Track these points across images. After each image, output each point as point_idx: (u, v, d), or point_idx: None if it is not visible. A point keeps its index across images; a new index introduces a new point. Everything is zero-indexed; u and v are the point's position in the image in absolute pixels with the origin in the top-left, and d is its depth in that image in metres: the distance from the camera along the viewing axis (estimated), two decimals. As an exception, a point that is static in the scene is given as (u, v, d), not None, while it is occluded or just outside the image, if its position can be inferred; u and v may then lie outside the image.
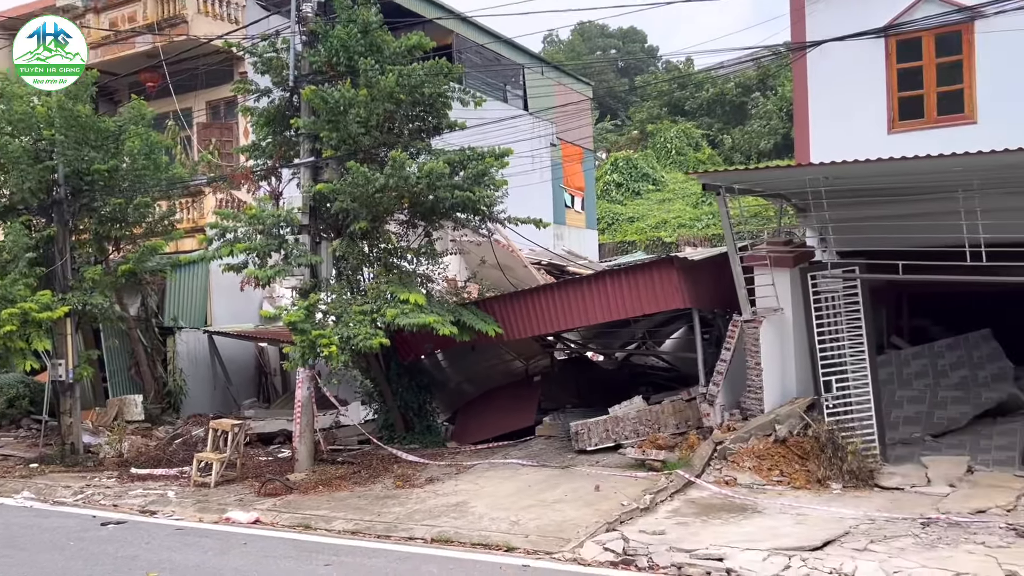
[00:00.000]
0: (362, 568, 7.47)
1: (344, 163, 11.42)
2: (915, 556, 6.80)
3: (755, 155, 43.06)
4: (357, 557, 7.86)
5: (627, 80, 57.69)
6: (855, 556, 6.88)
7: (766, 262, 11.30)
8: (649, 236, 34.94)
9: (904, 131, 12.67)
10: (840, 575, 6.50)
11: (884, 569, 6.51)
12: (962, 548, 6.97)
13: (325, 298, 11.78)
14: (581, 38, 60.06)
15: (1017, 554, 6.74)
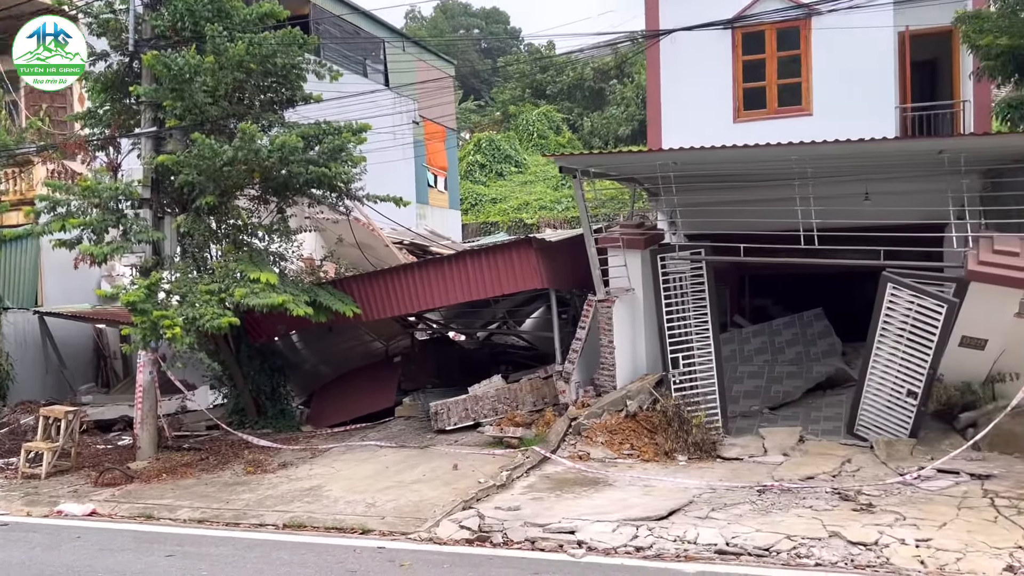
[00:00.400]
0: (207, 558, 7.17)
1: (189, 134, 10.82)
2: (751, 522, 7.22)
3: (613, 140, 44.27)
4: (202, 546, 7.54)
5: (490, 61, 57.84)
6: (697, 524, 7.23)
7: (619, 244, 11.64)
8: (511, 217, 35.29)
9: (748, 120, 13.36)
10: (684, 542, 6.81)
11: (723, 535, 6.87)
12: (793, 512, 7.46)
13: (168, 277, 11.18)
14: (444, 15, 59.61)
15: (840, 516, 7.28)
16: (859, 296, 13.71)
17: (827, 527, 6.94)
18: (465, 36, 58.03)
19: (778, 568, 6.22)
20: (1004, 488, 7.87)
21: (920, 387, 9.34)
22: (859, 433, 9.99)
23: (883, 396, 9.73)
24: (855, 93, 12.67)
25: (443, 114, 30.05)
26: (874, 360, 9.71)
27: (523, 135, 45.05)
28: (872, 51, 12.50)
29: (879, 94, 12.73)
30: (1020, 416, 8.79)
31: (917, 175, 10.40)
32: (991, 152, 9.83)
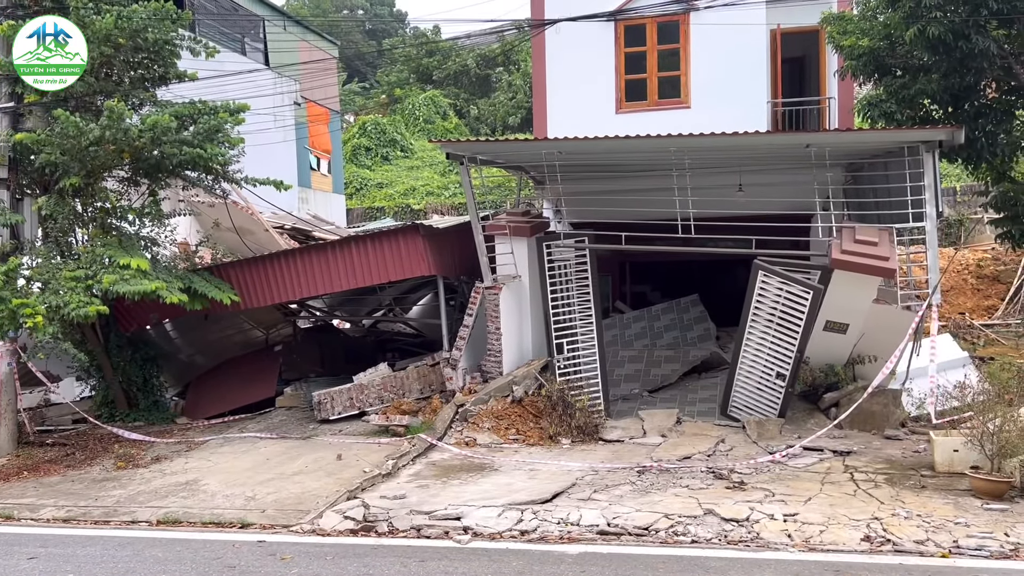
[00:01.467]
0: (73, 559, 6.79)
1: (51, 111, 10.14)
2: (631, 502, 7.45)
3: (500, 128, 44.45)
4: (69, 547, 7.14)
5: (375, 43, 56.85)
6: (580, 506, 7.40)
7: (506, 232, 11.73)
8: (398, 203, 34.89)
9: (630, 111, 13.70)
10: (567, 524, 6.96)
11: (605, 516, 7.06)
12: (670, 492, 7.75)
13: (29, 262, 10.48)
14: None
15: (715, 494, 7.62)
16: (733, 282, 14.37)
17: (702, 505, 7.25)
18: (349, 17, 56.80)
19: (656, 546, 6.46)
20: (862, 463, 8.44)
21: (788, 370, 9.86)
22: (732, 414, 10.46)
23: (754, 378, 10.22)
24: (730, 87, 13.19)
25: (327, 96, 29.38)
26: (746, 344, 10.18)
27: (409, 119, 44.59)
28: (746, 47, 13.05)
29: (752, 89, 13.30)
30: (877, 396, 9.43)
31: (786, 167, 10.94)
32: (852, 147, 10.45)
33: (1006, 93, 10.90)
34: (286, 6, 48.17)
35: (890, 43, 10.40)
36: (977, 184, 14.48)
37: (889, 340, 9.32)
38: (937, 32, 9.46)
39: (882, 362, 9.35)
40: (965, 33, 9.57)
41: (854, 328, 9.81)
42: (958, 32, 9.55)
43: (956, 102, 10.58)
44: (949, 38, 9.55)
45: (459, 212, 30.99)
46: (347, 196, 33.95)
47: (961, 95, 10.42)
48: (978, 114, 10.54)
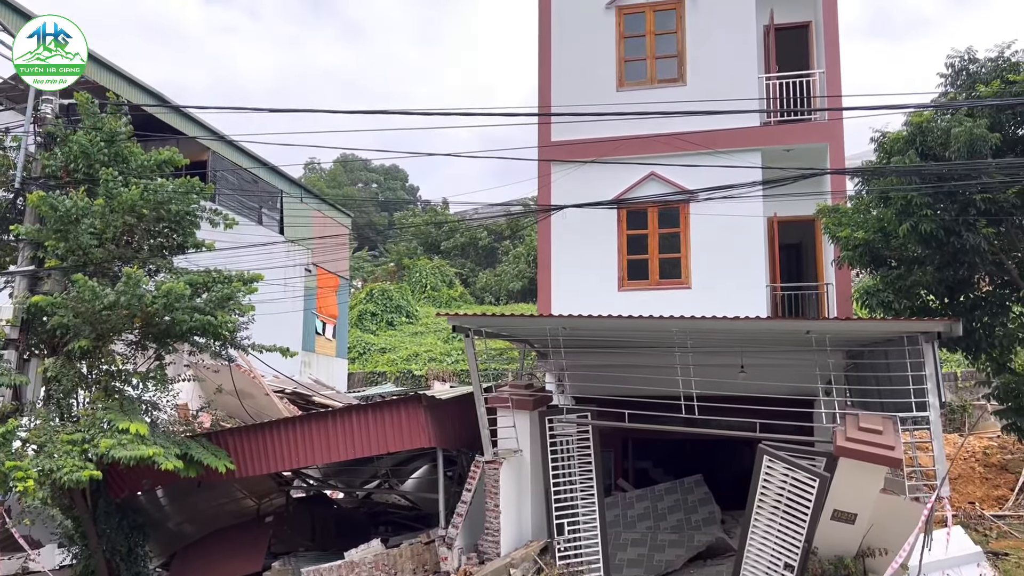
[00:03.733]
0: None
1: (70, 275, 10.43)
2: None
3: (504, 295, 45.35)
4: None
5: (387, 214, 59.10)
6: None
7: (508, 404, 11.69)
8: (400, 368, 34.97)
9: (632, 289, 14.04)
10: None
11: None
12: None
13: (27, 424, 10.39)
14: (343, 168, 61.07)
15: None
16: (737, 462, 14.14)
17: None
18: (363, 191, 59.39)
19: None
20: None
21: (796, 560, 9.51)
22: (740, 606, 9.97)
23: (761, 568, 9.83)
24: (730, 270, 13.59)
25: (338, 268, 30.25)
26: (752, 532, 9.87)
27: (416, 287, 45.58)
28: (745, 233, 13.55)
29: (751, 272, 13.69)
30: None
31: (788, 350, 11.05)
32: (852, 335, 10.61)
33: (999, 287, 11.20)
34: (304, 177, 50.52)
35: (884, 236, 10.80)
36: (978, 372, 14.57)
37: (899, 532, 9.05)
38: (929, 228, 9.86)
39: (892, 555, 9.02)
40: (956, 230, 9.97)
41: (862, 518, 9.54)
42: (949, 229, 9.96)
43: (952, 294, 10.86)
44: (941, 234, 9.94)
45: (461, 379, 31.00)
46: (350, 360, 34.11)
47: (956, 287, 10.71)
48: (974, 306, 10.78)
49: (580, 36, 14.86)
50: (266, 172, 25.61)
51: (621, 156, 13.63)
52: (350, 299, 36.50)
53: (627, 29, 14.69)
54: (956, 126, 9.93)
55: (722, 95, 12.94)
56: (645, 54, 14.56)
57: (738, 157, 12.94)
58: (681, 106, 12.08)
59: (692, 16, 14.44)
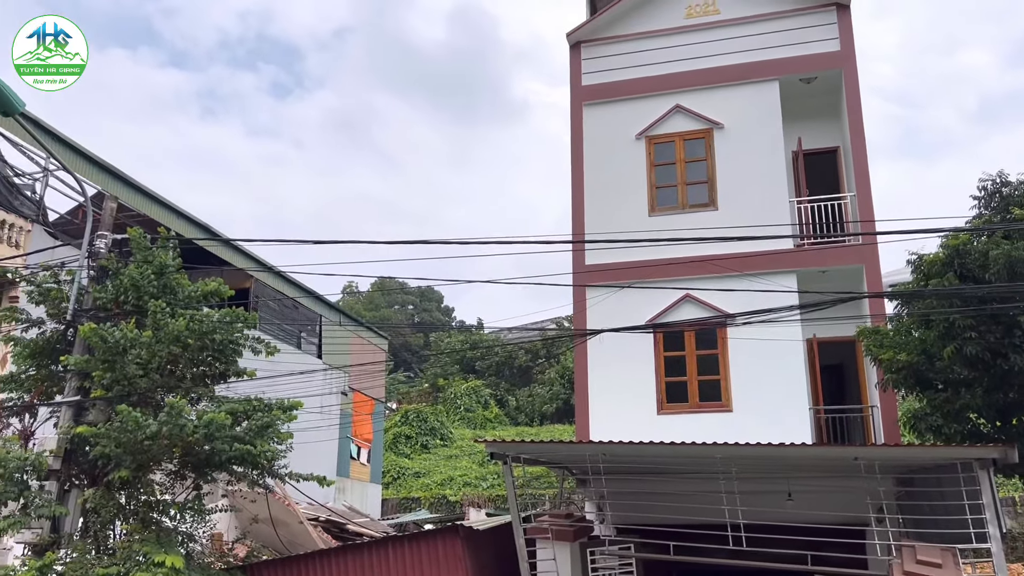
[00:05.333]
0: None
1: (113, 404, 10.58)
2: None
3: (538, 417, 44.88)
4: None
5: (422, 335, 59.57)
6: None
7: (548, 535, 11.39)
8: (434, 493, 34.39)
9: (672, 413, 13.84)
10: None
11: None
12: None
13: (63, 556, 10.30)
14: (380, 291, 62.17)
15: None
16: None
17: None
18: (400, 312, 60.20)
19: None
20: None
21: None
22: None
23: None
24: (771, 392, 13.37)
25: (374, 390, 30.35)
26: (810, 674, 9.32)
27: (451, 408, 45.39)
28: (785, 355, 13.40)
29: (793, 394, 13.45)
30: None
31: (836, 475, 10.72)
32: (902, 461, 10.29)
33: (1052, 409, 10.86)
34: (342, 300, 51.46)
35: (928, 358, 10.63)
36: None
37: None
38: (974, 351, 9.70)
39: None
40: (1003, 352, 9.80)
41: (927, 659, 8.97)
42: (995, 351, 9.79)
43: (1003, 416, 10.56)
44: (987, 356, 9.77)
45: (496, 504, 30.32)
46: (384, 485, 33.66)
47: (1007, 410, 10.42)
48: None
49: (612, 163, 15.31)
50: (306, 298, 26.19)
51: (655, 280, 13.75)
52: (385, 421, 36.37)
53: (657, 157, 15.13)
54: (994, 248, 9.93)
55: (754, 219, 13.14)
56: (676, 180, 14.91)
57: (774, 280, 12.98)
58: (714, 231, 12.25)
59: (721, 144, 14.85)
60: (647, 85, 15.49)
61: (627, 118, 15.44)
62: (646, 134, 15.24)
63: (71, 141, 18.02)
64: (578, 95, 15.90)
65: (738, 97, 15.07)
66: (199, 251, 18.85)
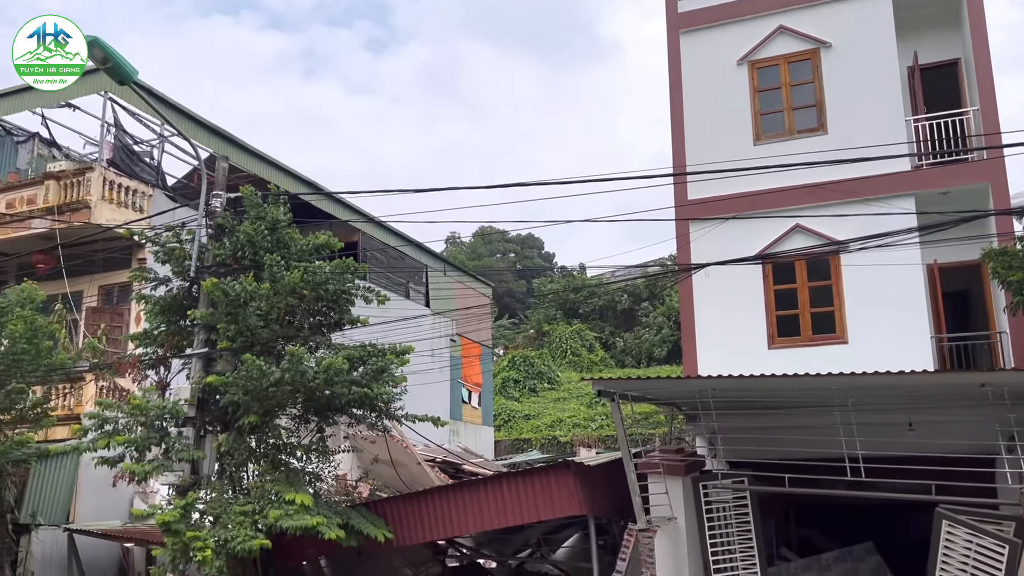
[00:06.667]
0: None
1: (239, 355, 11.19)
2: None
3: (646, 360, 44.69)
4: None
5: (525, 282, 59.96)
6: None
7: (659, 470, 11.43)
8: (544, 435, 34.99)
9: (783, 347, 13.52)
10: None
11: None
12: None
13: (204, 496, 11.09)
14: (482, 241, 62.78)
15: None
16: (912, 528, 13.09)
17: None
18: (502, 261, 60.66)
19: None
20: None
21: (990, 636, 8.67)
22: None
23: (950, 645, 9.02)
24: (889, 322, 12.86)
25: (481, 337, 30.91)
26: (936, 604, 9.10)
27: (556, 352, 45.75)
28: (903, 282, 12.82)
29: (913, 323, 12.89)
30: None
31: (961, 404, 10.28)
32: (1034, 386, 9.75)
33: None
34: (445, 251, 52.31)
35: (1061, 277, 9.98)
36: None
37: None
38: (1113, 266, 9.04)
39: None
40: None
41: (1064, 589, 8.61)
42: None
43: None
44: None
45: (606, 444, 30.61)
46: (495, 427, 34.44)
47: None
48: None
49: (712, 93, 14.81)
50: (411, 249, 26.77)
51: (763, 210, 13.34)
52: (493, 367, 37.04)
53: (761, 83, 14.53)
54: None
55: (867, 141, 12.47)
56: (782, 106, 14.31)
57: (890, 203, 12.37)
58: (824, 155, 11.73)
59: (829, 64, 14.11)
60: (747, 7, 14.82)
61: (727, 44, 14.85)
62: (748, 59, 14.64)
63: (182, 107, 18.81)
64: (674, 23, 15.37)
65: (846, 12, 14.23)
66: (307, 207, 19.46)
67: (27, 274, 16.41)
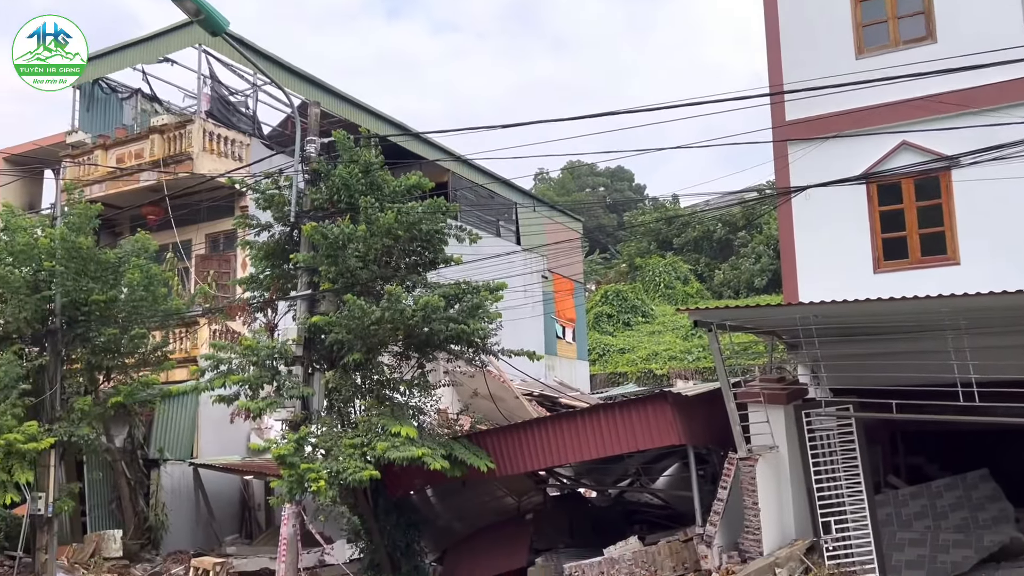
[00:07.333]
0: None
1: (341, 296, 11.55)
2: None
3: (744, 291, 43.78)
4: None
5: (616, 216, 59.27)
6: None
7: (760, 399, 11.30)
8: (640, 368, 34.99)
9: (890, 271, 12.98)
10: None
11: None
12: None
13: (315, 431, 11.63)
14: (571, 176, 62.17)
15: None
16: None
17: None
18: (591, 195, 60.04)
19: None
20: None
21: (1117, 563, 8.33)
22: (1047, 614, 8.91)
23: (1072, 572, 8.72)
24: (1006, 243, 12.15)
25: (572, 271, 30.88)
26: (1057, 530, 8.78)
27: (649, 286, 45.34)
28: (1019, 199, 12.06)
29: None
30: None
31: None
32: None
33: None
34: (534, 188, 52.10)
35: None
36: None
37: None
38: None
39: None
40: None
41: None
42: None
43: None
44: None
45: (704, 376, 30.38)
46: (590, 362, 34.64)
47: None
48: None
49: (810, 5, 14.03)
50: (500, 187, 26.78)
51: (866, 128, 12.69)
52: (586, 302, 37.07)
53: (862, -8, 13.67)
54: None
55: (980, 47, 11.62)
56: (886, 15, 13.43)
57: (1005, 113, 11.55)
58: (933, 65, 11.01)
59: (937, -35, 13.13)
60: (846, -90, 13.87)
61: (824, -49, 13.98)
62: (848, -33, 13.76)
63: (272, 55, 19.17)
64: (768, -68, 14.54)
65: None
66: (397, 149, 19.68)
67: (139, 225, 17.30)
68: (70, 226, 13.08)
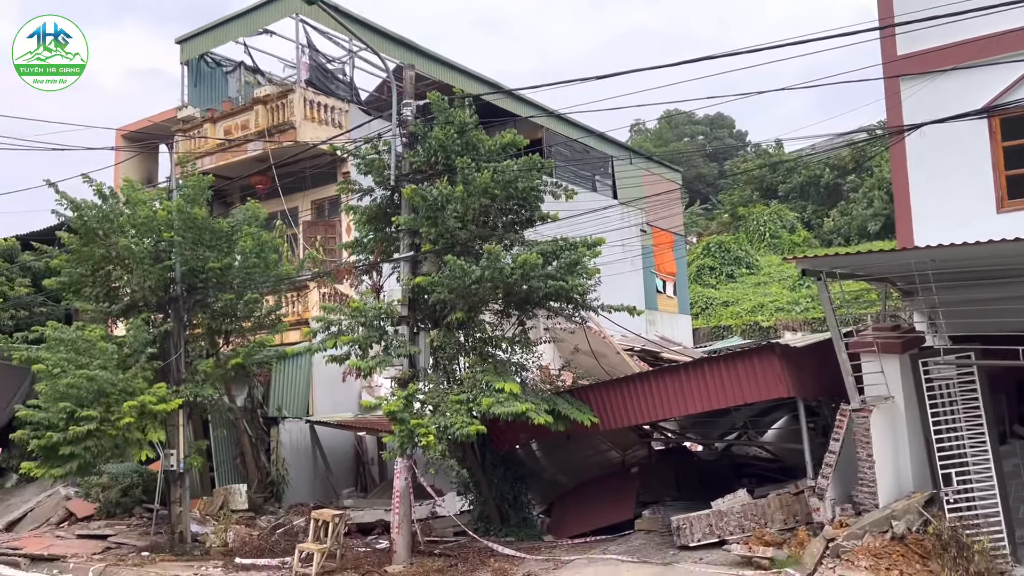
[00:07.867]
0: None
1: (442, 256, 11.74)
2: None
3: (856, 237, 42.03)
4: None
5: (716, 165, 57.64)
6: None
7: (873, 348, 10.89)
8: (745, 320, 34.22)
9: (1015, 210, 12.22)
10: None
11: None
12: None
13: (423, 388, 11.96)
14: (668, 125, 60.73)
15: None
16: None
17: None
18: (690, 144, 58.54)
19: None
20: None
21: None
22: None
23: None
24: None
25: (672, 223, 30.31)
26: None
27: (753, 236, 44.08)
28: None
29: None
30: None
31: None
32: None
33: None
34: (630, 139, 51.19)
35: None
36: None
37: None
38: None
39: None
40: None
41: None
42: None
43: None
44: None
45: (812, 328, 29.47)
46: (692, 316, 34.10)
47: None
48: None
49: (921, -68, 13.12)
50: (595, 140, 26.42)
51: (987, 58, 11.85)
52: (687, 255, 36.40)
53: (981, -91, 12.66)
54: None
55: (1118, -39, 10.62)
56: (1007, -67, 12.45)
57: None
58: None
59: None
60: None
61: None
62: None
63: (366, 20, 19.40)
64: None
65: None
66: (491, 108, 19.67)
67: (248, 195, 18.01)
68: (185, 198, 13.73)
